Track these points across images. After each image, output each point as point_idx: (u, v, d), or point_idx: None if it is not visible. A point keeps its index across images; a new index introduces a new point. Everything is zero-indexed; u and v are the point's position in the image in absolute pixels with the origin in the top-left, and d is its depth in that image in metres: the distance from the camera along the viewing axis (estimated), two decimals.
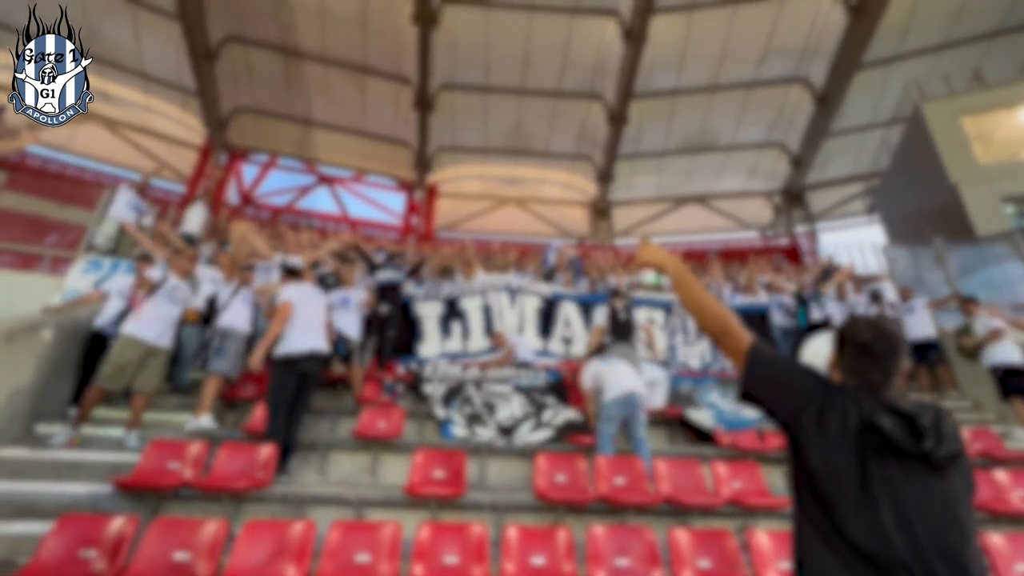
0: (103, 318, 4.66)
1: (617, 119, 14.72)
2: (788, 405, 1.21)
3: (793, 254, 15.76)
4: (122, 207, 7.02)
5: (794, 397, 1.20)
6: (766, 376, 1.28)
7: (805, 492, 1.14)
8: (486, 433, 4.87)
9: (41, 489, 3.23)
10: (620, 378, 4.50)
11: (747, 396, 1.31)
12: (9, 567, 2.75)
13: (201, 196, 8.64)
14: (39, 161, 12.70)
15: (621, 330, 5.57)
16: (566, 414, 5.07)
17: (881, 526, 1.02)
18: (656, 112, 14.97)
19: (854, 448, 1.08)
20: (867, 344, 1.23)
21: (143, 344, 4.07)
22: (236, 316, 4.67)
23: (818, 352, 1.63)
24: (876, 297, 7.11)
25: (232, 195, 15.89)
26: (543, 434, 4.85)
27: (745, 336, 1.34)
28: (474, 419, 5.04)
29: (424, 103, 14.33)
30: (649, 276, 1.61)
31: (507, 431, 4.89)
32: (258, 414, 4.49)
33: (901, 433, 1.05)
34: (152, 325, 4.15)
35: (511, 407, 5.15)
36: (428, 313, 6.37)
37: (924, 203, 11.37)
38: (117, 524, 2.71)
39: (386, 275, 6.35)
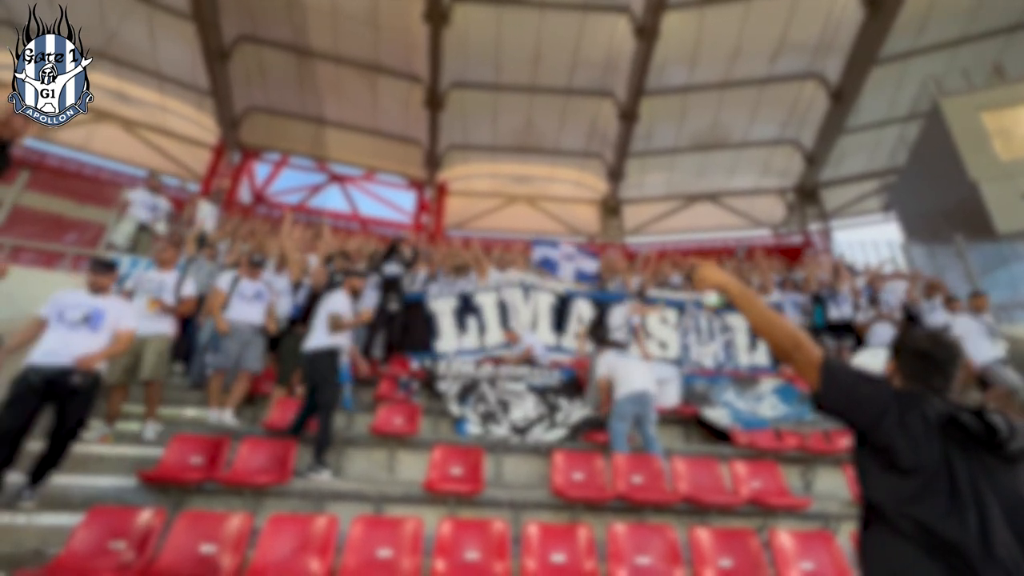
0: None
1: (628, 116, 14.62)
2: (868, 413, 1.26)
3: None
4: (138, 207, 7.15)
5: (872, 405, 1.25)
6: (842, 388, 1.32)
7: (886, 492, 1.19)
8: (500, 431, 4.89)
9: (70, 482, 3.30)
10: (633, 376, 4.50)
11: (821, 407, 1.35)
12: (41, 558, 2.81)
13: (213, 195, 8.75)
14: (58, 161, 12.91)
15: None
16: (580, 413, 5.06)
17: (967, 518, 1.09)
18: (668, 109, 14.85)
19: (938, 445, 1.15)
20: (927, 352, 1.32)
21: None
22: (232, 310, 4.67)
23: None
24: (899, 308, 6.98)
25: (245, 194, 16.04)
26: (557, 433, 4.86)
27: (816, 350, 1.37)
28: (488, 417, 5.06)
29: (435, 101, 14.35)
30: (711, 297, 1.56)
31: (521, 431, 4.91)
32: (276, 410, 4.54)
33: (983, 428, 1.12)
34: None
35: (525, 407, 5.16)
36: (443, 309, 6.39)
37: (943, 200, 11.17)
38: (145, 517, 2.76)
39: (390, 269, 6.41)
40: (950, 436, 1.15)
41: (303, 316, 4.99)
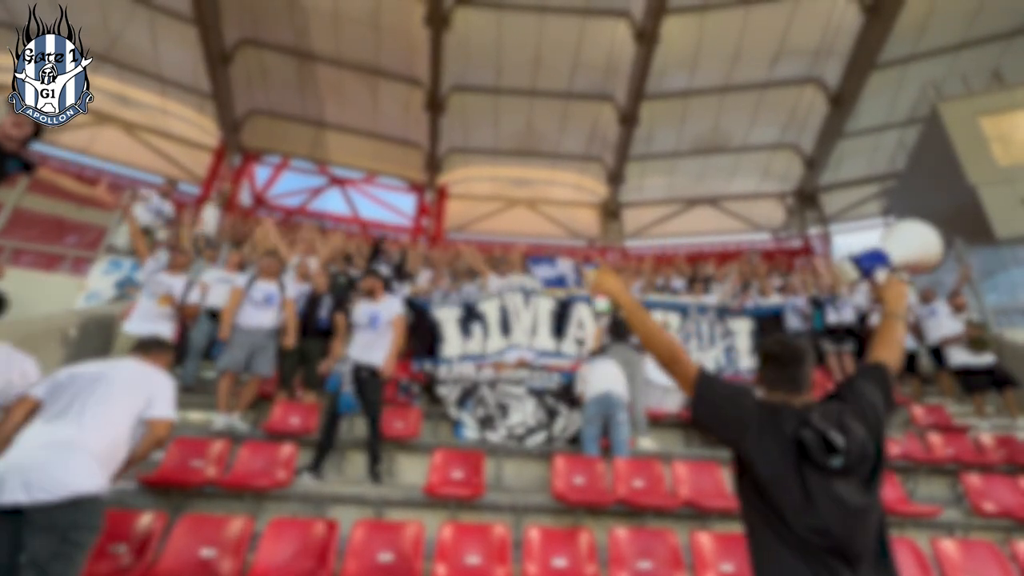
0: None
1: (628, 120, 14.66)
2: (732, 429, 1.34)
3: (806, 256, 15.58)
4: (142, 211, 7.14)
5: (737, 421, 1.34)
6: (712, 403, 1.40)
7: (755, 499, 1.30)
8: (496, 437, 4.89)
9: None
10: (598, 378, 4.49)
11: (696, 423, 1.44)
12: None
13: (214, 198, 8.77)
14: (59, 163, 12.93)
15: (618, 330, 5.58)
16: (578, 423, 5.05)
17: (820, 520, 1.19)
18: (668, 113, 14.89)
19: (792, 459, 1.24)
20: (772, 353, 1.42)
21: (131, 337, 4.17)
22: (242, 313, 4.59)
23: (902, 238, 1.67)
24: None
25: (245, 196, 16.06)
26: (555, 446, 4.86)
27: (692, 364, 1.46)
28: (486, 422, 5.06)
29: (435, 105, 14.39)
30: (602, 303, 1.86)
31: (518, 438, 4.91)
32: (277, 413, 4.54)
33: (819, 448, 1.21)
34: (135, 320, 4.35)
35: (524, 411, 5.15)
36: (447, 317, 6.40)
37: (942, 205, 11.20)
38: (145, 520, 2.75)
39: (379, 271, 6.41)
40: (799, 452, 1.24)
41: (304, 322, 4.98)
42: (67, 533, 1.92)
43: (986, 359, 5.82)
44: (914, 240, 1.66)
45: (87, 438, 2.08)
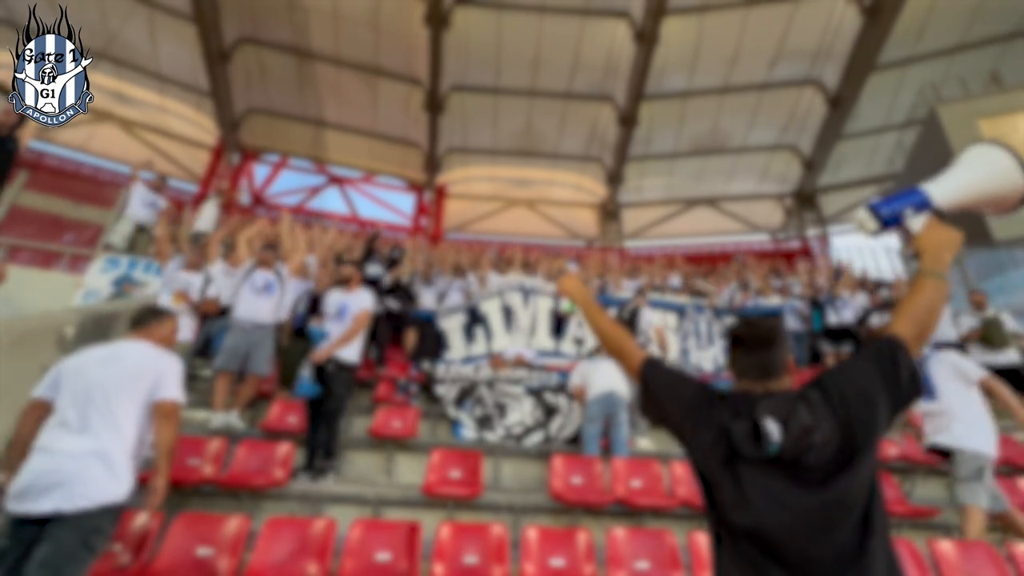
0: None
1: (627, 121, 14.68)
2: (674, 419, 1.31)
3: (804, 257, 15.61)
4: (137, 205, 7.09)
5: (677, 410, 1.29)
6: (656, 392, 1.35)
7: (703, 495, 1.26)
8: (494, 436, 4.88)
9: None
10: (601, 377, 4.49)
11: (645, 414, 1.40)
12: None
13: (214, 195, 8.74)
14: (56, 161, 12.89)
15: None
16: (576, 423, 5.05)
17: (752, 518, 1.10)
18: (667, 114, 14.91)
19: (724, 450, 1.15)
20: (738, 336, 1.30)
21: None
22: (241, 304, 4.51)
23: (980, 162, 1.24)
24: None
25: (244, 195, 16.03)
26: (553, 447, 4.86)
27: (638, 356, 1.43)
28: (484, 422, 5.05)
29: (435, 104, 14.38)
30: (566, 303, 1.83)
31: (516, 438, 4.91)
32: (275, 412, 4.52)
33: (745, 439, 1.11)
34: None
35: (522, 410, 5.15)
36: (452, 327, 6.42)
37: None
38: (142, 519, 2.74)
39: (373, 270, 6.40)
40: (730, 443, 1.15)
41: (305, 320, 4.95)
42: (88, 537, 1.95)
43: (1008, 357, 5.57)
44: (970, 168, 1.22)
45: (112, 442, 2.08)
